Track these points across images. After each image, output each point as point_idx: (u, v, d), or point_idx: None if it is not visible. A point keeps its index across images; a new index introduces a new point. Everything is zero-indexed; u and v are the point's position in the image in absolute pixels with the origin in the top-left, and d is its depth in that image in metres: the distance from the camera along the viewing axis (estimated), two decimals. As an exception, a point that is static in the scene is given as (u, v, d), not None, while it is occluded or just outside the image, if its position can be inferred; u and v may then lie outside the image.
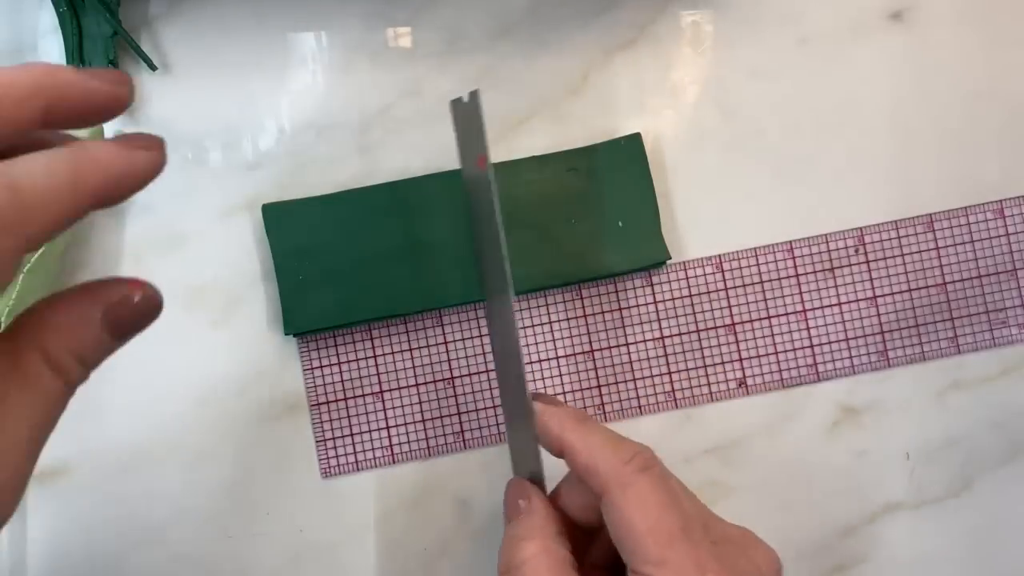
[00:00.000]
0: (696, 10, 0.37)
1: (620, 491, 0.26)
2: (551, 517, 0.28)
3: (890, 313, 0.36)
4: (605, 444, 0.27)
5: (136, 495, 0.35)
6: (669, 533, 0.25)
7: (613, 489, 0.26)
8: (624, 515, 0.25)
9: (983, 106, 0.37)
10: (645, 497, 0.25)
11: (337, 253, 0.35)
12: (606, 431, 0.28)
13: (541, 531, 0.27)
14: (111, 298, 0.22)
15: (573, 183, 0.36)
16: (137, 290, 0.22)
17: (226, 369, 0.35)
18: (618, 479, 0.26)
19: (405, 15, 0.37)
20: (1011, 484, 0.36)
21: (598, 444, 0.27)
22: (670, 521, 0.25)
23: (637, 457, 0.26)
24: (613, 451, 0.26)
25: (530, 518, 0.27)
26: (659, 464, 0.27)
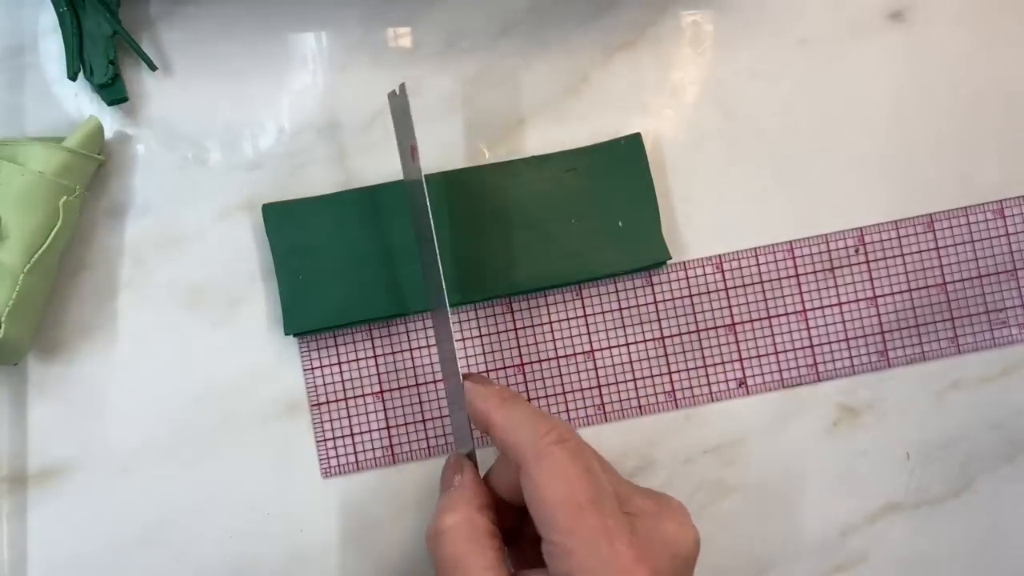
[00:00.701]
0: (696, 10, 0.37)
1: (535, 462, 0.27)
2: (477, 491, 0.29)
3: (890, 313, 0.36)
4: (525, 420, 0.28)
5: (136, 495, 0.35)
6: (578, 504, 0.25)
7: (528, 460, 0.27)
8: (537, 486, 0.26)
9: (983, 106, 0.37)
10: (557, 468, 0.26)
11: (337, 253, 0.35)
12: (530, 408, 0.29)
13: (466, 503, 0.28)
14: None
15: (573, 183, 0.36)
16: None
17: (226, 369, 0.35)
18: (533, 451, 0.27)
19: (404, 15, 0.37)
20: (1011, 484, 0.36)
21: (518, 420, 0.28)
22: (581, 492, 0.26)
23: (553, 431, 0.27)
24: (532, 425, 0.27)
25: (458, 491, 0.29)
26: (575, 439, 0.27)
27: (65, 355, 0.35)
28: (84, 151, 0.34)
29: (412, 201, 0.32)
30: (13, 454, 0.35)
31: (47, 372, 0.35)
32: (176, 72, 0.36)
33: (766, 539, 0.36)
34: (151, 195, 0.36)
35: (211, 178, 0.36)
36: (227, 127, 0.36)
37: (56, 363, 0.35)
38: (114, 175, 0.36)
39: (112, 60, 0.35)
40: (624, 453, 0.36)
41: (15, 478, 0.35)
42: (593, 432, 0.36)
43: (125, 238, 0.36)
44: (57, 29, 0.35)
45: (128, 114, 0.36)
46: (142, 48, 0.35)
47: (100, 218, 0.36)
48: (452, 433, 0.31)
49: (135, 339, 0.35)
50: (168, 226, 0.36)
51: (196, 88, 0.36)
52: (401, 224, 0.35)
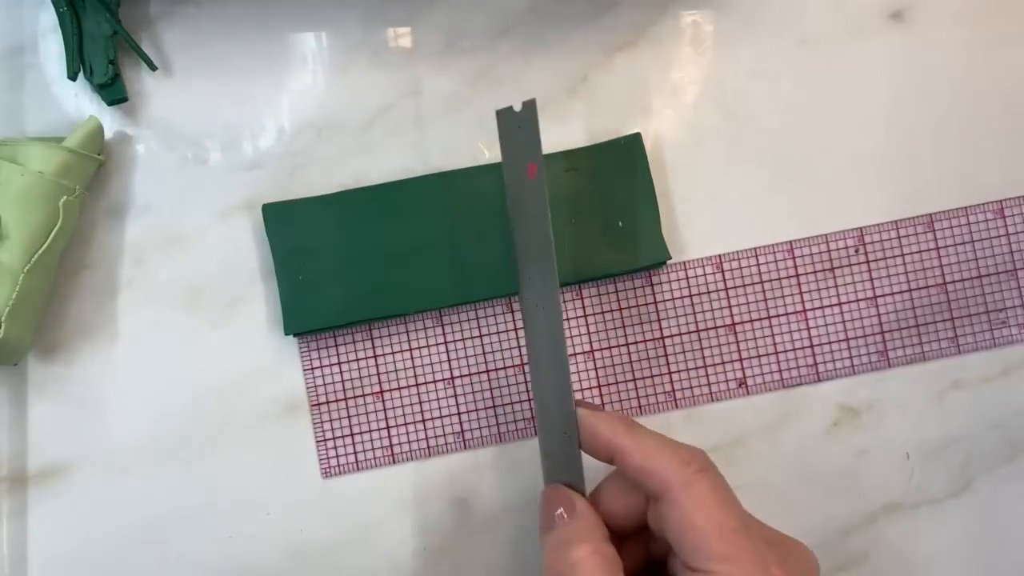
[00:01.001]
0: (696, 10, 0.37)
1: (682, 490, 0.26)
2: (599, 522, 0.28)
3: (890, 313, 0.36)
4: (662, 447, 0.28)
5: (136, 495, 0.35)
6: (732, 529, 0.25)
7: (675, 488, 0.26)
8: (687, 513, 0.26)
9: (983, 106, 0.37)
10: (706, 496, 0.26)
11: (337, 253, 0.35)
12: (657, 435, 0.28)
13: (591, 534, 0.27)
14: None
15: (573, 183, 0.36)
16: None
17: (226, 369, 0.35)
18: (680, 479, 0.26)
19: (404, 15, 0.37)
20: (1011, 484, 0.36)
21: (654, 447, 0.28)
22: (732, 519, 0.26)
23: (696, 459, 0.27)
24: (672, 453, 0.27)
25: (577, 522, 0.28)
26: (715, 467, 0.27)
27: (65, 355, 0.35)
28: (84, 151, 0.34)
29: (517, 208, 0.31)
30: (13, 454, 0.35)
31: (47, 372, 0.35)
32: (176, 72, 0.36)
33: (766, 539, 0.36)
34: (151, 195, 0.36)
35: (211, 178, 0.36)
36: (227, 127, 0.36)
37: (56, 363, 0.35)
38: (114, 175, 0.36)
39: (112, 60, 0.35)
40: (624, 453, 0.36)
41: (15, 478, 0.35)
42: (593, 432, 0.36)
43: (125, 238, 0.36)
44: (57, 29, 0.35)
45: (128, 114, 0.36)
46: (142, 48, 0.35)
47: (100, 218, 0.36)
48: (543, 462, 0.30)
49: (135, 339, 0.35)
50: (168, 226, 0.36)
51: (196, 88, 0.36)
52: (401, 224, 0.35)
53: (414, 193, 0.35)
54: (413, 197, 0.35)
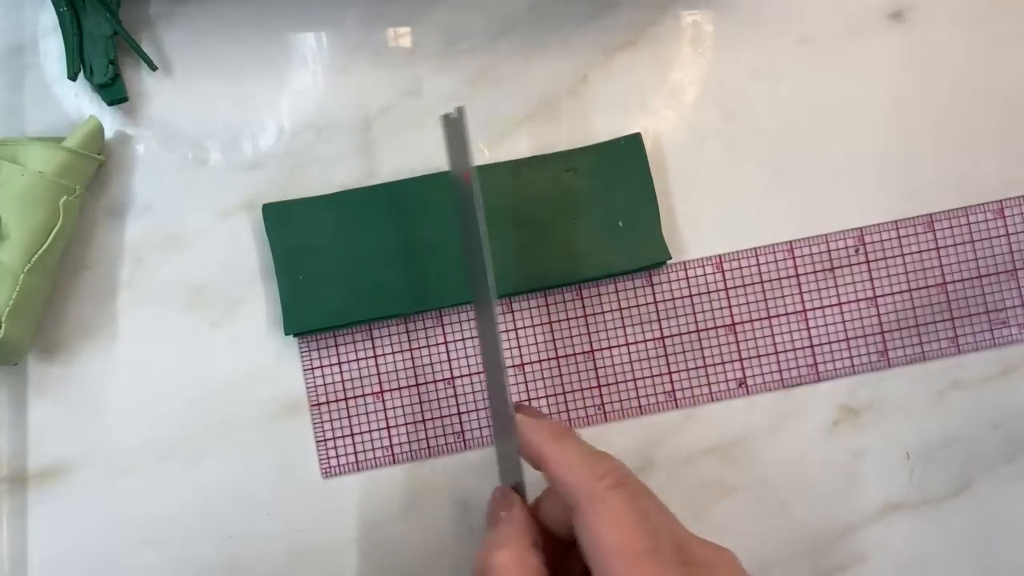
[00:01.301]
0: (696, 10, 0.37)
1: (590, 506, 0.26)
2: (528, 527, 0.28)
3: (890, 313, 0.36)
4: (581, 459, 0.27)
5: (136, 495, 0.35)
6: (636, 552, 0.25)
7: (584, 504, 0.26)
8: (594, 531, 0.25)
9: (983, 106, 0.37)
10: (615, 514, 0.25)
11: (337, 253, 0.35)
12: (584, 446, 0.28)
13: (517, 539, 0.27)
14: None
15: (573, 183, 0.36)
16: None
17: (226, 369, 0.35)
18: (589, 494, 0.26)
19: (405, 15, 0.37)
20: (1011, 484, 0.36)
21: (574, 459, 0.27)
22: (639, 539, 0.25)
23: (611, 474, 0.26)
24: (588, 466, 0.27)
25: (508, 526, 0.28)
26: (633, 481, 0.26)
27: (65, 355, 0.35)
28: (84, 151, 0.34)
29: (462, 213, 0.31)
30: (13, 454, 0.35)
31: (47, 372, 0.35)
32: (176, 72, 0.36)
33: (766, 539, 0.36)
34: (151, 195, 0.36)
35: (211, 178, 0.36)
36: (227, 127, 0.36)
37: (56, 363, 0.35)
38: (114, 175, 0.36)
39: (112, 60, 0.35)
40: (624, 453, 0.36)
41: (15, 478, 0.35)
42: (593, 432, 0.36)
43: (125, 238, 0.36)
44: (57, 29, 0.35)
45: (128, 114, 0.36)
46: (142, 48, 0.35)
47: (100, 218, 0.36)
48: (498, 463, 0.30)
49: (135, 339, 0.35)
50: (168, 226, 0.36)
51: (196, 88, 0.36)
52: (401, 224, 0.35)
53: (414, 193, 0.35)
54: (413, 197, 0.35)
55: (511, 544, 0.27)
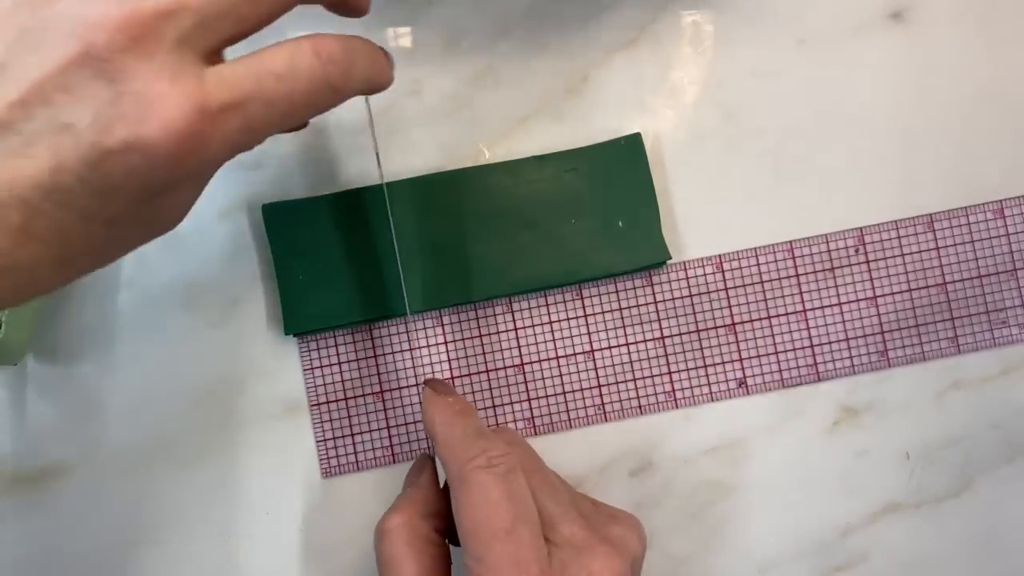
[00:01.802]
0: (696, 10, 0.37)
1: (458, 486, 0.27)
2: (429, 497, 0.29)
3: (890, 313, 0.36)
4: (461, 439, 0.28)
5: (136, 495, 0.35)
6: (492, 531, 0.26)
7: (453, 482, 0.27)
8: (458, 510, 0.27)
9: (983, 106, 0.37)
10: (477, 494, 0.26)
11: (337, 253, 0.35)
12: (472, 427, 0.28)
13: (412, 507, 0.29)
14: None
15: (573, 183, 0.36)
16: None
17: (226, 369, 0.35)
18: (459, 474, 0.27)
19: (405, 15, 0.37)
20: (1011, 484, 0.36)
21: (455, 438, 0.28)
22: (497, 519, 0.26)
23: (482, 455, 0.27)
24: (463, 447, 0.27)
25: (410, 493, 0.30)
26: (507, 462, 0.27)
27: (65, 355, 0.35)
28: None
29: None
30: (13, 454, 0.35)
31: (47, 372, 0.35)
32: (176, 72, 0.36)
33: (766, 539, 0.36)
34: (151, 195, 0.36)
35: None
36: (227, 127, 0.36)
37: (56, 363, 0.35)
38: (114, 175, 0.36)
39: (112, 60, 0.35)
40: (624, 453, 0.36)
41: (15, 478, 0.35)
42: (593, 432, 0.36)
43: (125, 238, 0.36)
44: (57, 29, 0.35)
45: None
46: (142, 48, 0.35)
47: (100, 218, 0.36)
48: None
49: (135, 339, 0.35)
50: (168, 226, 0.36)
51: (196, 88, 0.36)
52: (402, 224, 0.35)
53: (414, 193, 0.35)
54: (413, 197, 0.35)
55: (405, 510, 0.28)
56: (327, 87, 0.24)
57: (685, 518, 0.36)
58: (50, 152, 0.21)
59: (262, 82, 0.23)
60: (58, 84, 0.20)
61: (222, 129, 0.22)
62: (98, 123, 0.20)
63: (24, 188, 0.21)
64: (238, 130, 0.22)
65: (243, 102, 0.22)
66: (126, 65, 0.21)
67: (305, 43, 0.24)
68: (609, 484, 0.36)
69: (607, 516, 0.29)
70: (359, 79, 0.26)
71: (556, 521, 0.27)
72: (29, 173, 0.21)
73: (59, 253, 0.22)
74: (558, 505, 0.28)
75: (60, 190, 0.21)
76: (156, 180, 0.22)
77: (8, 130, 0.21)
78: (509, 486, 0.26)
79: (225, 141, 0.22)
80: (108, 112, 0.20)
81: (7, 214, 0.21)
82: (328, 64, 0.24)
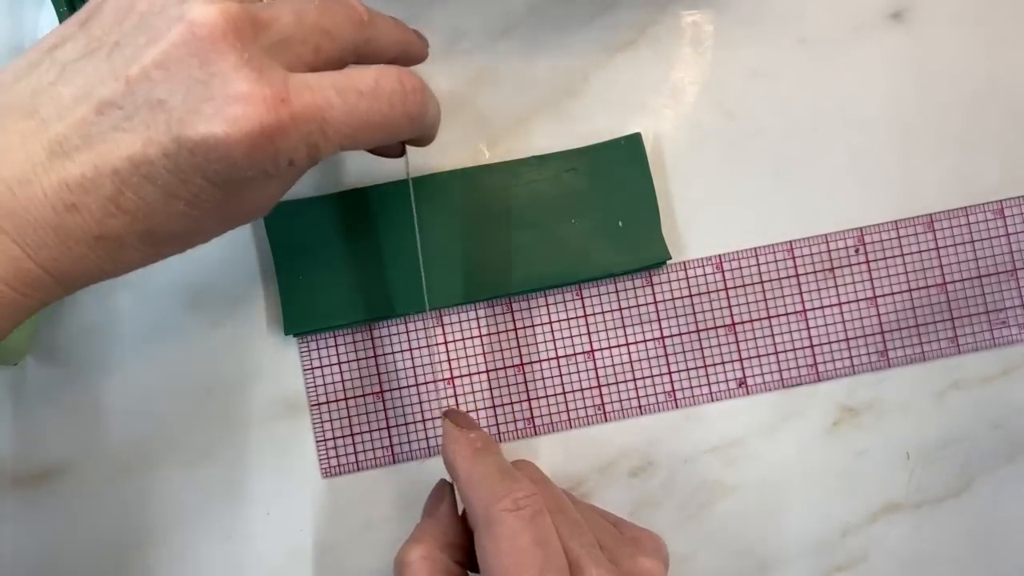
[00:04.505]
0: (696, 10, 0.37)
1: (485, 528, 0.26)
2: (448, 528, 0.29)
3: (890, 313, 0.36)
4: (485, 479, 0.27)
5: (136, 495, 0.35)
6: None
7: (479, 524, 0.26)
8: (484, 552, 0.26)
9: (983, 106, 0.37)
10: (505, 538, 0.25)
11: (337, 253, 0.35)
12: (495, 465, 0.28)
13: (433, 539, 0.28)
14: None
15: (573, 183, 0.36)
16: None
17: (226, 369, 0.35)
18: (485, 516, 0.26)
19: (404, 15, 0.37)
20: (1011, 484, 0.36)
21: (479, 478, 0.27)
22: (525, 566, 0.25)
23: (507, 497, 0.26)
24: (489, 487, 0.27)
25: (430, 523, 0.29)
26: (533, 505, 0.26)
27: (65, 355, 0.35)
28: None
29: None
30: (13, 454, 0.35)
31: (47, 372, 0.35)
32: (176, 72, 0.36)
33: (766, 539, 0.36)
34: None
35: (211, 178, 0.36)
36: (227, 127, 0.36)
37: (56, 363, 0.35)
38: (114, 175, 0.36)
39: (112, 60, 0.35)
40: (624, 453, 0.36)
41: (15, 478, 0.35)
42: (593, 432, 0.36)
43: (125, 238, 0.36)
44: (57, 29, 0.35)
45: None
46: (142, 48, 0.35)
47: (100, 218, 0.36)
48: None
49: (135, 339, 0.35)
50: (168, 226, 0.36)
51: (196, 88, 0.36)
52: (402, 224, 0.35)
53: (414, 193, 0.35)
54: (413, 197, 0.35)
55: (425, 542, 0.28)
56: (404, 115, 0.26)
57: (685, 518, 0.36)
58: (144, 126, 0.22)
59: (345, 95, 0.24)
60: (159, 63, 0.22)
61: (299, 131, 0.23)
62: (188, 103, 0.22)
63: (118, 160, 0.22)
64: (316, 134, 0.24)
65: (324, 108, 0.24)
66: (221, 57, 0.22)
67: (392, 70, 0.26)
68: (609, 484, 0.36)
69: (631, 543, 0.29)
70: (429, 121, 0.28)
71: (583, 563, 0.26)
72: (124, 145, 0.22)
73: (144, 227, 0.24)
74: (583, 546, 0.27)
75: (148, 163, 0.22)
76: (232, 165, 0.23)
77: (112, 106, 0.22)
78: (537, 530, 0.26)
79: (302, 143, 0.24)
80: (198, 93, 0.22)
81: (102, 183, 0.23)
82: (410, 93, 0.26)
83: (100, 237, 0.23)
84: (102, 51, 0.23)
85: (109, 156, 0.22)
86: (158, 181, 0.23)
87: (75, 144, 0.22)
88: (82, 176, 0.22)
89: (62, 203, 0.23)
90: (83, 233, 0.23)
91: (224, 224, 0.26)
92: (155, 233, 0.24)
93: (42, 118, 0.23)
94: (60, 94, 0.23)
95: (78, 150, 0.22)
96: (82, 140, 0.22)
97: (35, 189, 0.22)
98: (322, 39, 0.25)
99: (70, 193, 0.23)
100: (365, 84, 0.25)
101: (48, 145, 0.22)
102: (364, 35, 0.26)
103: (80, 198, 0.23)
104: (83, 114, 0.23)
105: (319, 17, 0.25)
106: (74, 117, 0.23)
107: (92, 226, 0.23)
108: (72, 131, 0.23)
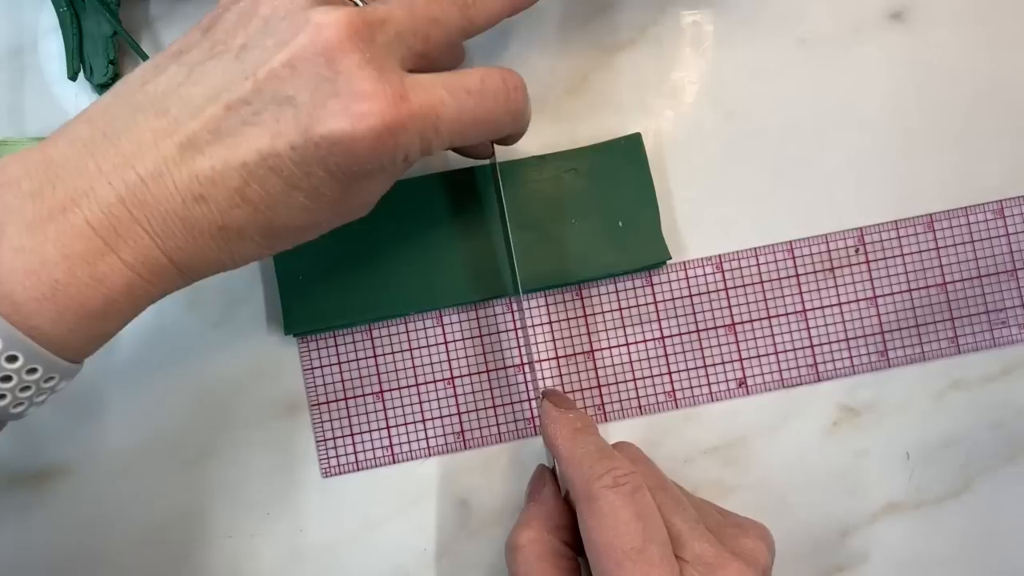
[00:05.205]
0: (696, 10, 0.37)
1: (586, 505, 0.27)
2: (554, 511, 0.29)
3: (890, 313, 0.36)
4: (586, 457, 0.28)
5: (136, 495, 0.35)
6: (623, 551, 0.25)
7: (581, 502, 0.27)
8: (586, 528, 0.26)
9: (983, 106, 0.37)
10: (606, 513, 0.26)
11: (337, 253, 0.35)
12: (595, 444, 0.28)
13: (540, 522, 0.29)
14: None
15: (573, 183, 0.36)
16: None
17: (226, 369, 0.35)
18: (587, 493, 0.27)
19: (405, 15, 0.37)
20: (1011, 484, 0.36)
21: (580, 456, 0.28)
22: (627, 539, 0.26)
23: (609, 474, 0.27)
24: (589, 465, 0.27)
25: (536, 508, 0.30)
26: (633, 481, 0.27)
27: (65, 355, 0.35)
28: (84, 151, 0.34)
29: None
30: (13, 454, 0.35)
31: (47, 372, 0.35)
32: (176, 72, 0.36)
33: (766, 539, 0.36)
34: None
35: (211, 178, 0.36)
36: (227, 127, 0.36)
37: (56, 363, 0.35)
38: (114, 175, 0.36)
39: (112, 60, 0.35)
40: (624, 453, 0.36)
41: (15, 478, 0.35)
42: (593, 432, 0.36)
43: (125, 238, 0.36)
44: (57, 29, 0.35)
45: (128, 114, 0.36)
46: (142, 48, 0.35)
47: (100, 218, 0.36)
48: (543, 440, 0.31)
49: (135, 339, 0.35)
50: (168, 226, 0.36)
51: (196, 88, 0.36)
52: (401, 224, 0.35)
53: (414, 193, 0.35)
54: (413, 197, 0.35)
55: (534, 525, 0.29)
56: (507, 112, 0.28)
57: (685, 518, 0.36)
58: (273, 120, 0.24)
59: (455, 93, 0.26)
60: (288, 63, 0.24)
61: (416, 127, 0.25)
62: (315, 100, 0.23)
63: (247, 152, 0.24)
64: (430, 130, 0.25)
65: (437, 106, 0.25)
66: (345, 56, 0.24)
67: (495, 70, 0.28)
68: (609, 484, 0.36)
69: (735, 526, 0.29)
70: (526, 119, 0.30)
71: (685, 538, 0.27)
72: (253, 139, 0.24)
73: (265, 219, 0.25)
74: (685, 521, 0.27)
75: (275, 155, 0.24)
76: (354, 159, 0.24)
77: (242, 102, 0.24)
78: (637, 505, 0.26)
79: (417, 138, 0.25)
80: (325, 90, 0.23)
81: (230, 175, 0.24)
82: (512, 91, 0.28)
83: (223, 228, 0.25)
84: (229, 54, 0.24)
85: (238, 149, 0.24)
86: (283, 173, 0.24)
87: (206, 139, 0.24)
88: (211, 168, 0.24)
89: (191, 195, 0.24)
90: (208, 224, 0.24)
91: (336, 218, 0.28)
92: (274, 225, 0.25)
93: (173, 116, 0.24)
94: (190, 94, 0.24)
95: (208, 144, 0.24)
96: (212, 135, 0.24)
97: (167, 182, 0.24)
98: (431, 28, 0.26)
99: (199, 185, 0.24)
100: (472, 83, 0.26)
101: (180, 141, 0.24)
102: (468, 16, 0.28)
103: (208, 190, 0.24)
104: (213, 111, 0.24)
105: (427, 7, 0.26)
106: (205, 114, 0.24)
107: (217, 217, 0.24)
108: (203, 127, 0.24)
